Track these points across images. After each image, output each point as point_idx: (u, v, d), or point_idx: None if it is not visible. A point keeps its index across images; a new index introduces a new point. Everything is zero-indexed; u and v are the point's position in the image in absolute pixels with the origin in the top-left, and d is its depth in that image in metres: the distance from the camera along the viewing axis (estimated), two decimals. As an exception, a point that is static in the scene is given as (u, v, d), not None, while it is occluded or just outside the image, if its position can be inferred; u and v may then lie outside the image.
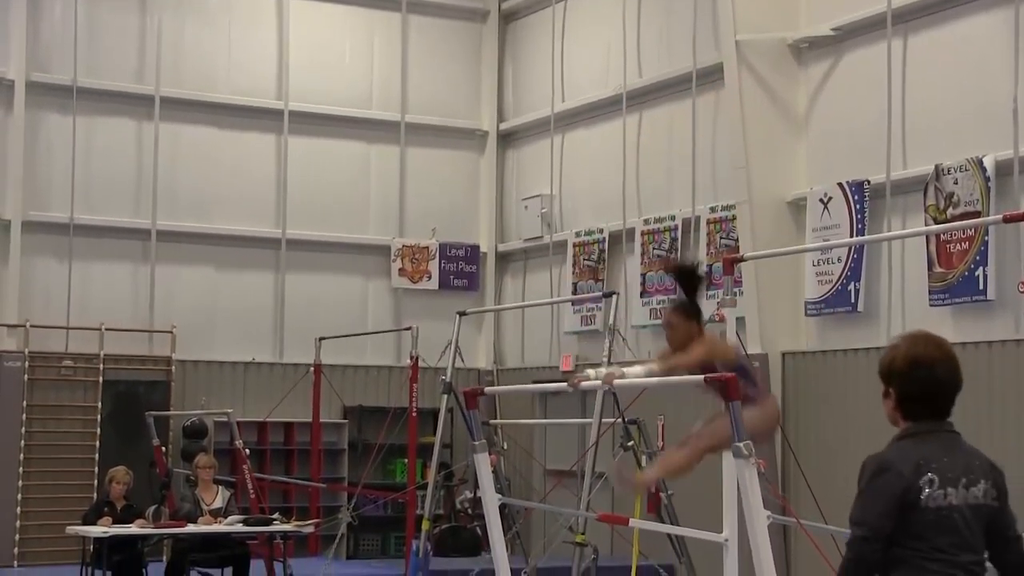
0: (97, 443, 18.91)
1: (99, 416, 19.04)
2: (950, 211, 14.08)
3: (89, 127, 19.56)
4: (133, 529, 14.33)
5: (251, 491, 16.13)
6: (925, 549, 4.81)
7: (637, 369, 7.71)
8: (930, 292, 14.34)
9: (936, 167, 14.25)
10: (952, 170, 14.09)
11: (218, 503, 15.04)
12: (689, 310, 7.83)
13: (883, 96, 15.12)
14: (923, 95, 14.86)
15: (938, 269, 14.25)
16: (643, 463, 13.84)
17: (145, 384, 19.45)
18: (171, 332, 19.59)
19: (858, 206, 15.28)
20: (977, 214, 13.67)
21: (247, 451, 16.88)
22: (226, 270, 20.22)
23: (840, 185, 15.49)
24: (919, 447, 4.93)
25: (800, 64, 16.42)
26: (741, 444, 6.15)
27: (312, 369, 18.35)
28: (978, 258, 13.80)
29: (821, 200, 15.73)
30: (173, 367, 19.52)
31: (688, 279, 7.89)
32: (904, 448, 4.95)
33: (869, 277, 15.21)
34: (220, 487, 15.40)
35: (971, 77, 14.31)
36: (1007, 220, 8.42)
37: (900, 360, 4.99)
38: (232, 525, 14.67)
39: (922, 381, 4.95)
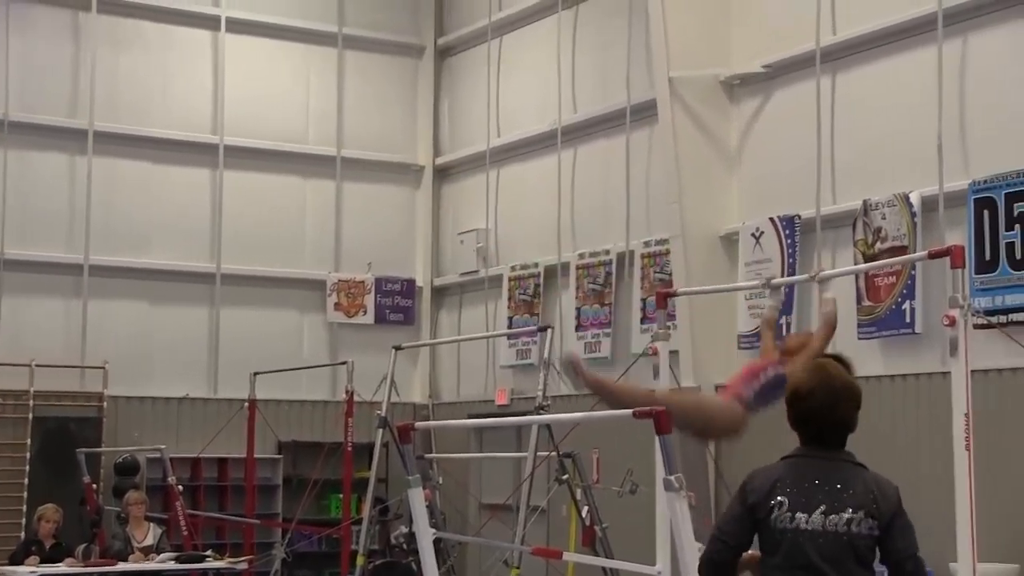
0: (26, 480, 18.68)
1: (28, 453, 18.81)
2: (878, 245, 14.30)
3: (21, 161, 19.44)
4: (62, 568, 14.19)
5: (184, 528, 16.04)
6: (771, 564, 5.13)
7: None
8: (859, 325, 14.53)
9: (864, 202, 14.47)
10: (880, 205, 14.32)
11: (149, 540, 14.96)
12: None
13: (813, 132, 15.33)
14: (852, 132, 15.09)
15: (866, 303, 14.45)
16: (578, 497, 13.92)
17: (76, 420, 19.26)
18: (103, 368, 19.46)
19: (789, 240, 15.47)
20: (904, 248, 13.89)
21: (180, 487, 16.78)
22: (160, 305, 20.13)
23: (772, 220, 15.68)
24: (785, 469, 5.18)
25: (732, 101, 16.62)
26: (672, 477, 6.20)
27: (247, 404, 18.27)
28: (905, 292, 14.02)
29: (753, 234, 15.91)
30: (105, 403, 19.39)
31: None
32: (773, 468, 5.23)
33: (800, 310, 15.38)
34: (151, 524, 15.31)
35: (898, 114, 14.55)
36: (931, 256, 8.56)
37: (789, 388, 5.32)
38: (164, 563, 14.58)
39: (798, 409, 5.26)
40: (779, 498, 5.11)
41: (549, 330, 14.74)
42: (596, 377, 7.47)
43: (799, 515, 5.08)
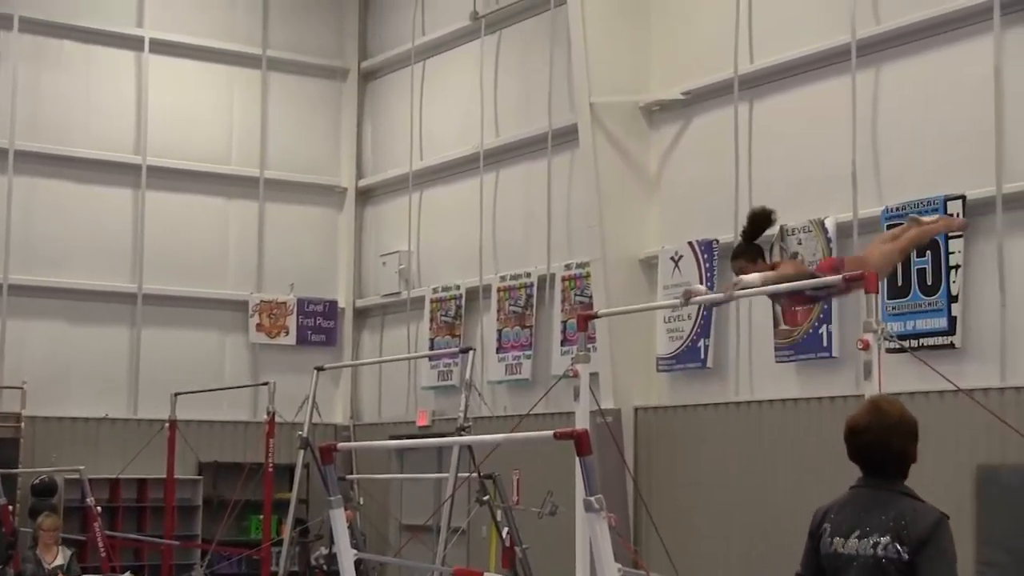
0: (-60, 501, 18.54)
1: (-57, 474, 18.68)
2: (795, 270, 14.52)
3: (-60, 180, 19.35)
4: (-26, 592, 14.08)
5: (102, 550, 15.90)
6: None
7: (753, 277, 8.70)
8: (776, 349, 14.79)
9: (781, 227, 14.68)
10: (796, 231, 14.58)
11: (59, 560, 14.82)
12: (751, 251, 8.92)
13: (731, 158, 15.59)
14: (769, 158, 15.36)
15: (783, 327, 14.70)
16: (498, 518, 14.01)
17: (-7, 441, 19.13)
18: (21, 388, 19.31)
19: (708, 264, 15.70)
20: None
21: (99, 509, 16.63)
22: (80, 324, 20.04)
23: (690, 244, 15.91)
24: (840, 499, 5.53)
25: (652, 126, 16.85)
26: (592, 499, 6.28)
27: (167, 424, 18.25)
28: (822, 316, 14.28)
29: (672, 258, 16.13)
30: (23, 423, 19.24)
31: (758, 223, 8.86)
32: (834, 499, 5.56)
33: (718, 334, 15.61)
34: (61, 547, 15.19)
35: (813, 142, 14.83)
36: (846, 281, 8.74)
37: (845, 426, 5.52)
38: (81, 586, 14.47)
39: (854, 444, 5.49)
40: (826, 525, 5.49)
41: (470, 352, 14.88)
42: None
43: (837, 539, 5.41)
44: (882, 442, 5.45)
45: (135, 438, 19.26)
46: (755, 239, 9.01)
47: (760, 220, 8.94)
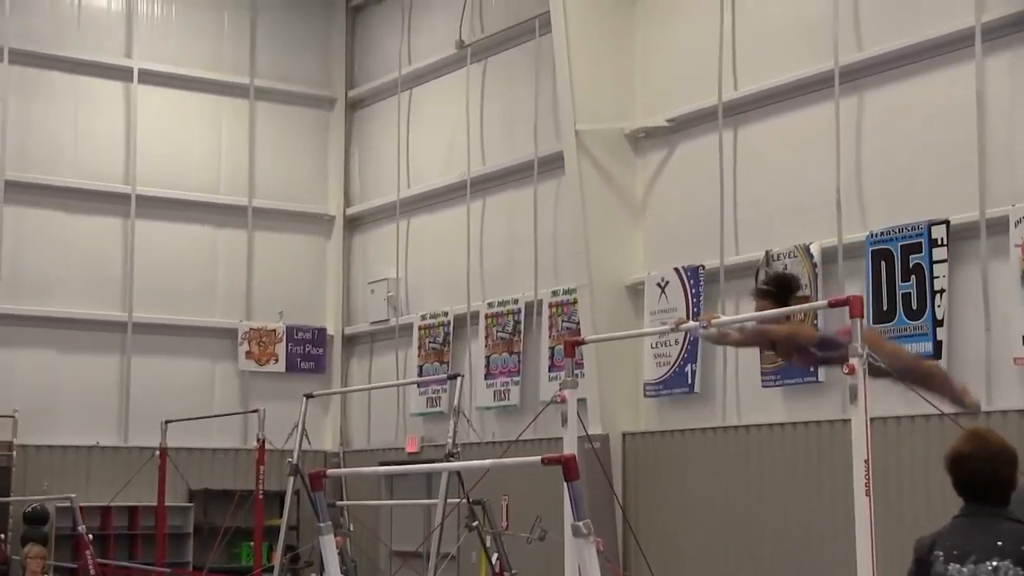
0: (-66, 530, 18.61)
1: (-64, 502, 18.74)
2: (780, 296, 14.61)
3: (-70, 210, 19.43)
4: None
5: (93, 577, 15.95)
6: None
7: (725, 320, 9.07)
8: (763, 373, 14.88)
9: (767, 253, 14.85)
10: (781, 256, 14.70)
11: (46, 590, 14.86)
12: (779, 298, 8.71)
13: (716, 184, 15.71)
14: (753, 184, 15.48)
15: (769, 351, 14.76)
16: (487, 543, 14.06)
17: (-16, 470, 19.18)
18: (12, 417, 19.38)
19: (694, 290, 15.81)
20: (806, 298, 14.21)
21: (90, 536, 16.64)
22: (70, 353, 20.10)
23: (676, 270, 16.02)
24: (945, 527, 5.69)
25: (637, 153, 16.97)
26: (580, 524, 6.34)
27: (158, 452, 18.27)
28: (807, 341, 14.34)
29: (658, 284, 16.24)
30: (15, 452, 19.29)
31: (784, 288, 8.70)
32: (940, 529, 5.71)
33: (705, 359, 15.70)
34: (49, 575, 15.20)
35: (798, 168, 14.96)
36: (831, 305, 8.81)
37: (948, 455, 5.69)
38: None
39: (958, 473, 5.65)
40: (937, 552, 5.63)
41: (459, 378, 14.93)
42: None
43: (952, 565, 5.54)
44: (986, 470, 5.62)
45: (126, 466, 19.30)
46: (782, 296, 8.87)
47: (785, 287, 8.83)
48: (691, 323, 9.35)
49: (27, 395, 19.63)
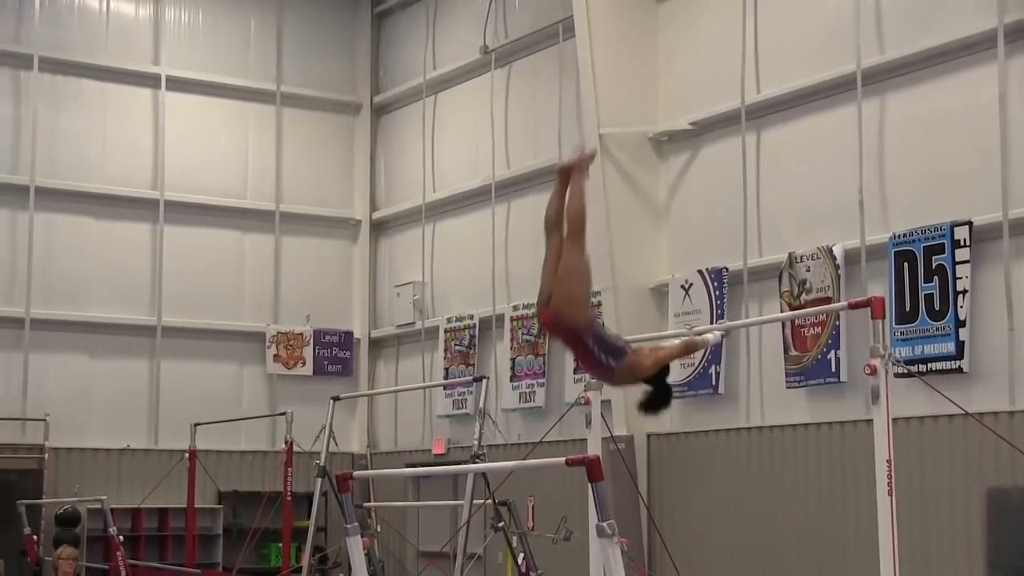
0: (-33, 533, 18.77)
1: (-31, 506, 18.90)
2: (803, 297, 14.74)
3: (-38, 218, 19.66)
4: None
5: (124, 578, 16.14)
6: None
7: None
8: (787, 374, 14.96)
9: (790, 255, 14.92)
10: (805, 258, 14.78)
11: (78, 589, 15.04)
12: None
13: (739, 187, 15.80)
14: (776, 187, 15.55)
15: (793, 352, 14.88)
16: (513, 544, 14.18)
17: (17, 472, 19.31)
18: (44, 420, 19.58)
19: (717, 292, 15.89)
20: (828, 300, 14.33)
21: (121, 538, 16.85)
22: (101, 357, 20.29)
23: (700, 272, 16.10)
24: None
25: (660, 157, 17.06)
26: (605, 524, 6.42)
27: (187, 455, 18.47)
28: (830, 342, 14.45)
29: (682, 287, 16.33)
30: (46, 455, 19.49)
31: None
32: None
33: (729, 360, 15.78)
34: (79, 576, 15.39)
35: (821, 170, 15.02)
36: (852, 307, 8.94)
37: None
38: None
39: None
40: None
41: (484, 380, 15.06)
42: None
43: None
44: None
45: (156, 468, 19.53)
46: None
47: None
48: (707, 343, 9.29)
49: (58, 399, 19.83)
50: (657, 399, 8.31)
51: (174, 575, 19.09)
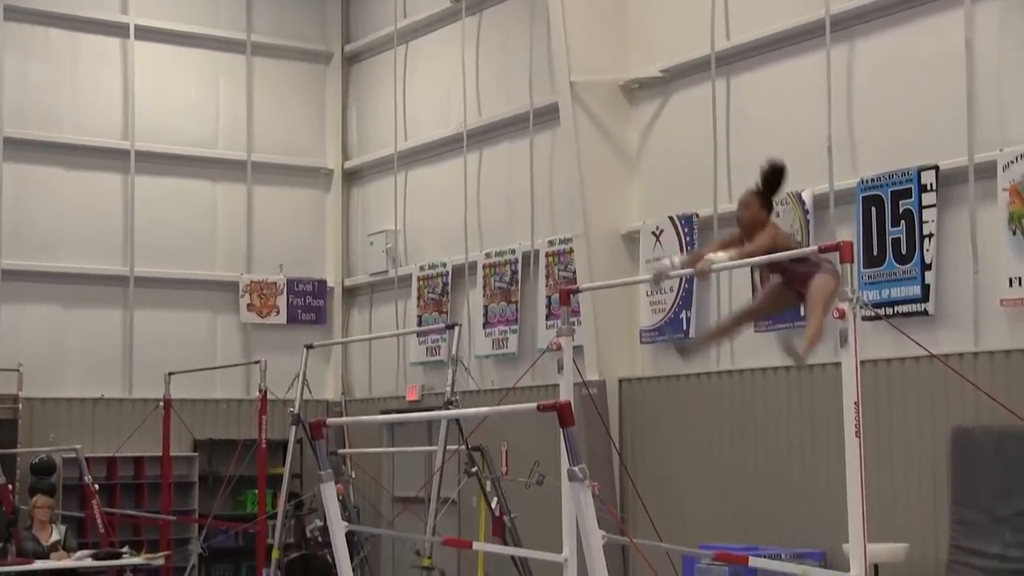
0: (-59, 482, 18.81)
1: (-57, 456, 18.95)
2: (773, 242, 14.82)
3: (-68, 168, 19.57)
4: (-20, 568, 14.39)
5: (100, 526, 16.18)
6: None
7: (720, 255, 9.24)
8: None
9: (759, 201, 15.01)
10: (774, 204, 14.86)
11: (55, 536, 15.10)
12: (766, 200, 9.40)
13: (709, 134, 15.88)
14: (746, 133, 15.63)
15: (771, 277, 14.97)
16: (487, 488, 14.31)
17: (-9, 422, 19.40)
18: (18, 370, 19.60)
19: (688, 238, 16.00)
20: (798, 245, 14.43)
21: (96, 486, 16.92)
22: (73, 308, 20.30)
23: (671, 218, 16.21)
24: None
25: (632, 104, 17.11)
26: (576, 468, 6.51)
27: (162, 403, 18.54)
28: (799, 286, 14.56)
29: (653, 233, 16.43)
30: (20, 405, 19.53)
31: (774, 176, 9.41)
32: None
33: (700, 306, 15.90)
34: (55, 524, 15.44)
35: (790, 116, 15.11)
36: (821, 251, 9.01)
37: None
38: (81, 560, 14.75)
39: None
40: None
41: (457, 327, 15.16)
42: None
43: None
44: None
45: (130, 417, 19.59)
46: (775, 191, 9.47)
47: (776, 175, 9.36)
48: (672, 268, 9.57)
49: (32, 349, 19.85)
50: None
51: (151, 522, 19.22)
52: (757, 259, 9.22)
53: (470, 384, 17.45)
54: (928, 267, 13.25)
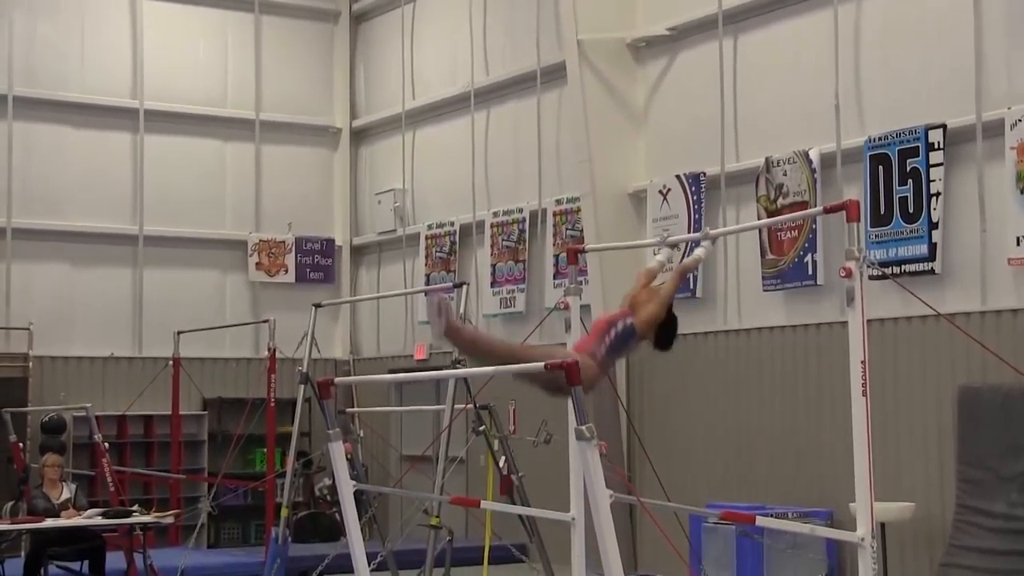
0: (-48, 440, 18.92)
1: (-46, 414, 19.04)
2: (780, 201, 14.88)
3: (-59, 127, 19.62)
4: (-9, 524, 14.48)
5: (111, 484, 16.24)
6: None
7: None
8: (763, 278, 15.14)
9: (766, 159, 15.04)
10: (781, 162, 14.90)
11: (66, 495, 15.19)
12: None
13: (716, 92, 15.87)
14: (753, 91, 15.63)
15: (770, 256, 15.05)
16: (495, 447, 14.37)
17: (2, 381, 19.36)
18: (28, 329, 19.67)
19: (695, 197, 16.02)
20: (805, 204, 14.49)
21: (106, 444, 16.96)
22: (83, 267, 20.36)
23: (678, 177, 16.22)
24: None
25: (638, 62, 17.10)
26: (583, 427, 6.52)
27: (171, 362, 18.61)
28: (807, 245, 14.62)
29: (660, 192, 16.44)
30: (31, 363, 19.60)
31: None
32: None
33: (706, 264, 15.86)
34: (65, 483, 15.53)
35: (797, 75, 15.11)
36: (828, 211, 9.00)
37: None
38: (91, 518, 14.84)
39: None
40: None
41: (465, 286, 15.18)
42: (459, 325, 7.94)
43: None
44: None
45: (140, 376, 19.69)
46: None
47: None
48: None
49: (42, 308, 19.93)
50: (669, 334, 8.50)
51: (161, 480, 19.33)
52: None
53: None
54: (935, 226, 13.26)
